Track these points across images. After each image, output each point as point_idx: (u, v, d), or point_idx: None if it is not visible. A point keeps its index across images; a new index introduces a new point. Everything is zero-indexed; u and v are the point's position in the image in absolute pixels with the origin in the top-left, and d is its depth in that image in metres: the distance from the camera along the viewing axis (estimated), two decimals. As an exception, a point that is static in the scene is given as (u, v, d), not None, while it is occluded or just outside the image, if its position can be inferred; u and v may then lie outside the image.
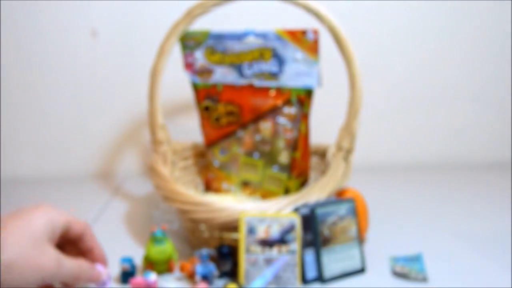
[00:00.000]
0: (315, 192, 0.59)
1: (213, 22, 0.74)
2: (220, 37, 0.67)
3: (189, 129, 1.00)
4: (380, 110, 1.02)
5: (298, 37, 0.62)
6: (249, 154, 0.72)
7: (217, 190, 0.76)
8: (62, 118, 0.98)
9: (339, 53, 0.62)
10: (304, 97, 0.66)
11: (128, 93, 0.98)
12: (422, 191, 0.90)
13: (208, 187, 0.78)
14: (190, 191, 0.75)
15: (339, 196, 0.65)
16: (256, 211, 0.56)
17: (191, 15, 0.65)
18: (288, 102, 0.67)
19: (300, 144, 0.68)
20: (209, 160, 0.76)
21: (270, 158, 0.71)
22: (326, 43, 0.64)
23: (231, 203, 0.57)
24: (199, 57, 0.69)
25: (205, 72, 0.70)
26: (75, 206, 0.84)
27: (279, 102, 0.67)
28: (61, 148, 1.00)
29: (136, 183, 0.96)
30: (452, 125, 1.05)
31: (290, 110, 0.67)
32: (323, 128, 0.76)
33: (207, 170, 0.77)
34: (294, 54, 0.64)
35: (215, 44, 0.67)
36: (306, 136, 0.69)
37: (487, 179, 0.95)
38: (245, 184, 0.74)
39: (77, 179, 0.99)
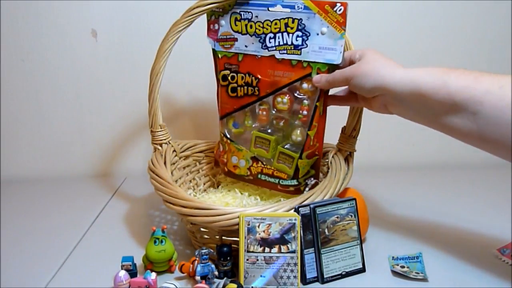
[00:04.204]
0: (316, 195, 0.59)
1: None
2: (247, 4, 0.65)
3: (191, 129, 1.01)
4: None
5: (326, 9, 0.60)
6: (263, 129, 0.70)
7: (226, 165, 0.74)
8: (62, 118, 0.98)
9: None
10: (325, 73, 0.63)
11: (128, 93, 0.97)
12: (422, 191, 0.90)
13: (218, 162, 0.77)
14: (190, 191, 0.75)
15: (340, 196, 0.65)
16: (256, 211, 0.56)
17: (191, 14, 0.65)
18: (308, 78, 0.64)
19: (315, 122, 0.66)
20: (221, 132, 0.74)
21: (283, 134, 0.69)
22: None
23: (230, 208, 0.57)
24: (224, 24, 0.67)
25: (228, 40, 0.68)
26: (77, 206, 0.85)
27: (298, 76, 0.65)
28: (62, 148, 1.00)
29: (138, 183, 0.95)
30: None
31: (309, 86, 0.65)
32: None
33: (218, 142, 0.76)
34: (320, 27, 0.61)
35: (241, 12, 0.66)
36: (322, 116, 0.66)
37: (487, 179, 0.95)
38: (255, 160, 0.71)
39: (79, 179, 0.99)
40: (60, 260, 0.65)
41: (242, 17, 0.66)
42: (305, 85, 0.65)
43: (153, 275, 0.55)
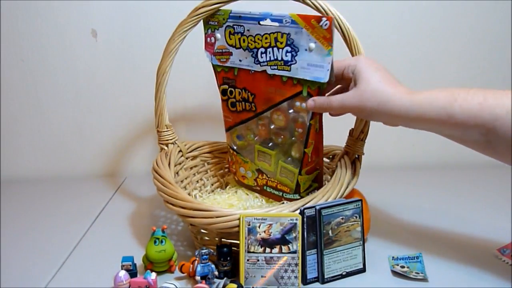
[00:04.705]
0: (318, 199, 0.59)
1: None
2: (239, 17, 0.63)
3: (198, 129, 1.00)
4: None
5: (312, 24, 0.57)
6: (264, 143, 0.69)
7: (236, 174, 0.76)
8: (62, 118, 0.98)
9: (349, 53, 0.61)
10: (315, 92, 0.61)
11: (128, 93, 0.97)
12: (422, 191, 0.90)
13: (230, 169, 0.78)
14: (196, 192, 0.75)
15: (345, 197, 0.64)
16: (256, 212, 0.56)
17: (197, 14, 0.64)
18: (299, 95, 0.62)
19: (311, 140, 0.64)
20: (228, 144, 0.74)
21: (283, 149, 0.68)
22: (335, 44, 0.63)
23: (228, 210, 0.57)
24: (219, 37, 0.66)
25: (224, 54, 0.67)
26: (77, 206, 0.85)
27: (290, 94, 0.63)
28: (62, 148, 1.00)
29: (138, 183, 0.96)
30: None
31: (302, 104, 0.62)
32: (330, 129, 0.75)
33: (228, 152, 0.76)
34: (308, 42, 0.59)
35: (234, 25, 0.64)
36: (318, 132, 0.65)
37: (487, 179, 0.95)
38: (260, 172, 0.71)
39: (79, 179, 0.99)
40: (60, 260, 0.65)
41: (235, 30, 0.64)
42: (297, 103, 0.63)
43: (153, 275, 0.55)
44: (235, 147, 0.73)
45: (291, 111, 0.64)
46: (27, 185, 0.95)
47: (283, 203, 0.68)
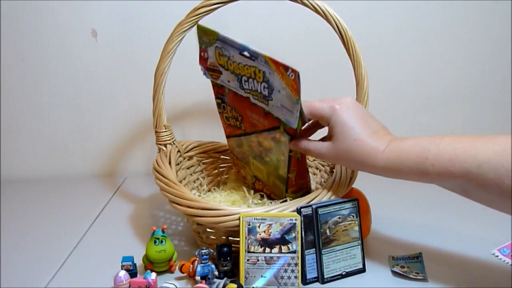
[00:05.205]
0: (321, 197, 0.59)
1: (219, 15, 0.71)
2: (225, 42, 0.62)
3: (195, 129, 1.00)
4: (380, 111, 1.02)
5: (281, 70, 0.56)
6: (256, 157, 0.71)
7: (239, 173, 0.78)
8: (62, 118, 0.98)
9: (346, 54, 0.61)
10: (291, 130, 0.60)
11: (128, 93, 0.97)
12: (422, 192, 0.90)
13: (233, 167, 0.80)
14: (194, 191, 0.75)
15: (343, 196, 0.64)
16: (260, 212, 0.56)
17: (196, 15, 0.64)
18: (278, 129, 0.62)
19: (293, 167, 0.65)
20: (229, 148, 0.76)
21: (271, 166, 0.69)
22: (332, 44, 0.63)
23: (236, 208, 0.57)
24: (211, 55, 0.66)
25: (215, 71, 0.67)
26: (77, 206, 0.85)
27: (270, 126, 0.63)
28: (62, 148, 1.00)
29: (138, 183, 0.96)
30: (452, 125, 1.05)
31: (281, 137, 0.63)
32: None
33: (231, 154, 0.78)
34: (279, 85, 0.57)
35: (222, 48, 0.63)
36: (300, 160, 0.65)
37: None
38: (257, 178, 0.73)
39: (79, 179, 0.99)
40: (60, 260, 0.65)
41: (223, 53, 0.63)
42: (277, 135, 0.63)
43: (153, 275, 0.55)
44: (234, 153, 0.75)
45: (273, 139, 0.64)
46: (27, 185, 0.95)
47: (285, 200, 0.68)
